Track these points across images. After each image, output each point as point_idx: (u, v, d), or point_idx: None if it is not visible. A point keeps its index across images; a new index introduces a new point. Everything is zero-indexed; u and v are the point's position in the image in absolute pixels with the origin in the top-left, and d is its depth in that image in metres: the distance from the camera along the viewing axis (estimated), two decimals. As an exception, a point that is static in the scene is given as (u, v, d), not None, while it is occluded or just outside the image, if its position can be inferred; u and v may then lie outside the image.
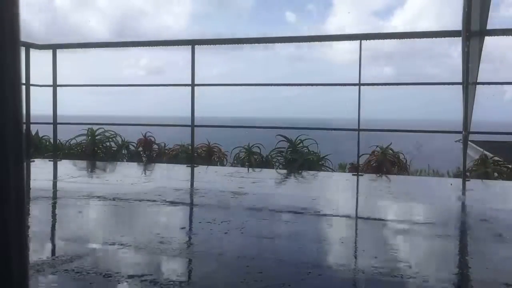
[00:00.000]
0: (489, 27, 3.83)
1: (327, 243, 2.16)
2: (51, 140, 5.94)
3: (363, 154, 5.48)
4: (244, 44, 4.81)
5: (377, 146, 5.86)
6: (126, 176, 4.47)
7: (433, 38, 4.26)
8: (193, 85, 4.70)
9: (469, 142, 4.20)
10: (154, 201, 3.11)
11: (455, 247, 2.20)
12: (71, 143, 6.69)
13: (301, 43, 4.83)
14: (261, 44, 4.75)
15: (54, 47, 5.22)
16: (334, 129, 5.52)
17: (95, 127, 6.67)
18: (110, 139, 6.64)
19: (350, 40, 4.47)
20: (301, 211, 2.85)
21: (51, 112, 5.28)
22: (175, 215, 2.78)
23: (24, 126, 4.99)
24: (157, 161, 6.39)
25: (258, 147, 6.28)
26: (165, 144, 6.93)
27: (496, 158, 5.62)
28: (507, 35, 3.91)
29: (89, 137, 6.53)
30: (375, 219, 2.71)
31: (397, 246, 2.11)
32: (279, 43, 4.80)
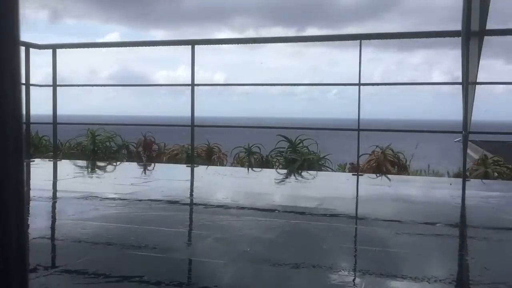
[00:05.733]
0: (488, 26, 3.83)
1: (326, 244, 2.16)
2: (51, 140, 5.94)
3: (363, 154, 5.48)
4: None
5: (377, 146, 5.86)
6: (126, 176, 4.47)
7: (433, 38, 4.26)
8: (193, 85, 4.70)
9: (469, 142, 4.20)
10: (155, 200, 3.11)
11: (454, 247, 2.20)
12: (71, 143, 6.69)
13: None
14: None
15: (54, 47, 5.22)
16: (334, 129, 5.52)
17: (95, 127, 6.67)
18: (110, 139, 6.64)
19: (350, 40, 4.47)
20: (300, 210, 2.85)
21: (51, 112, 5.28)
22: (177, 215, 2.78)
23: (24, 126, 5.00)
24: (157, 161, 6.39)
25: (258, 147, 6.28)
26: (165, 144, 6.93)
27: (496, 158, 5.63)
28: (507, 35, 3.91)
29: (89, 137, 6.53)
30: (374, 219, 2.71)
31: (396, 245, 2.11)
32: (279, 43, 4.79)
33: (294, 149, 5.85)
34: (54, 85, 5.20)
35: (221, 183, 4.05)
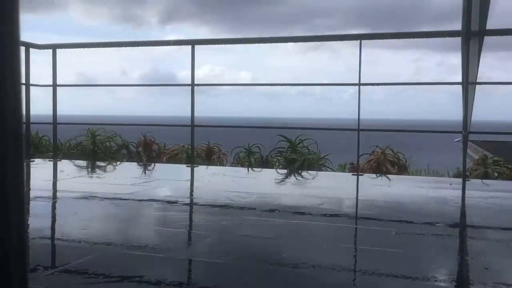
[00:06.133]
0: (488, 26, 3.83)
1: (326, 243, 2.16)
2: (51, 140, 5.94)
3: (363, 154, 5.48)
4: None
5: (377, 146, 5.87)
6: (126, 176, 4.47)
7: (433, 38, 4.26)
8: (193, 85, 4.70)
9: (469, 142, 4.20)
10: (155, 200, 3.11)
11: (454, 247, 2.20)
12: (71, 143, 6.70)
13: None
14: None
15: (54, 47, 5.22)
16: (334, 129, 5.52)
17: (95, 127, 6.68)
18: (110, 139, 6.64)
19: (350, 40, 4.47)
20: (300, 210, 2.85)
21: (51, 112, 5.28)
22: (176, 214, 2.78)
23: (24, 126, 4.99)
24: (157, 161, 6.39)
25: (258, 147, 6.29)
26: (165, 144, 6.94)
27: (496, 158, 5.63)
28: (507, 35, 3.91)
29: (89, 137, 6.54)
30: (374, 219, 2.71)
31: (396, 245, 2.11)
32: (280, 43, 4.79)
33: (294, 149, 5.85)
34: (54, 85, 5.20)
35: (221, 183, 4.05)
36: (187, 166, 4.93)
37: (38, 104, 5.48)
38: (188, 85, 4.74)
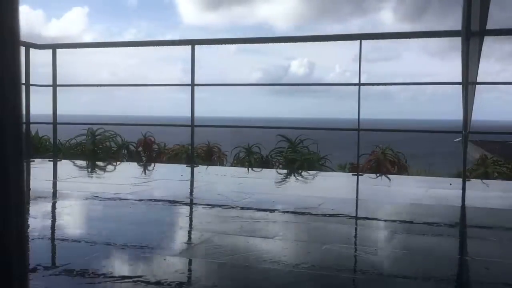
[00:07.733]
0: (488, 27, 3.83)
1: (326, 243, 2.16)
2: (51, 140, 5.94)
3: (363, 154, 5.48)
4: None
5: (377, 146, 5.87)
6: (126, 176, 4.47)
7: (433, 38, 4.27)
8: (193, 85, 4.70)
9: (469, 142, 4.20)
10: (155, 200, 3.11)
11: (455, 247, 2.20)
12: (71, 143, 6.70)
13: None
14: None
15: (54, 47, 5.22)
16: (334, 129, 5.52)
17: (95, 127, 6.68)
18: (110, 139, 6.65)
19: (350, 40, 4.47)
20: (300, 210, 2.85)
21: (51, 112, 5.28)
22: (176, 214, 2.78)
23: (24, 126, 4.99)
24: (157, 161, 6.40)
25: (258, 147, 6.29)
26: (165, 144, 6.95)
27: (496, 158, 5.64)
28: (507, 35, 3.91)
29: (89, 137, 6.54)
30: (374, 218, 2.71)
31: (396, 245, 2.11)
32: (280, 43, 4.79)
33: (294, 149, 5.86)
34: (54, 85, 5.20)
35: (221, 183, 4.05)
36: (187, 166, 4.92)
37: (38, 104, 5.48)
38: (188, 85, 4.74)
